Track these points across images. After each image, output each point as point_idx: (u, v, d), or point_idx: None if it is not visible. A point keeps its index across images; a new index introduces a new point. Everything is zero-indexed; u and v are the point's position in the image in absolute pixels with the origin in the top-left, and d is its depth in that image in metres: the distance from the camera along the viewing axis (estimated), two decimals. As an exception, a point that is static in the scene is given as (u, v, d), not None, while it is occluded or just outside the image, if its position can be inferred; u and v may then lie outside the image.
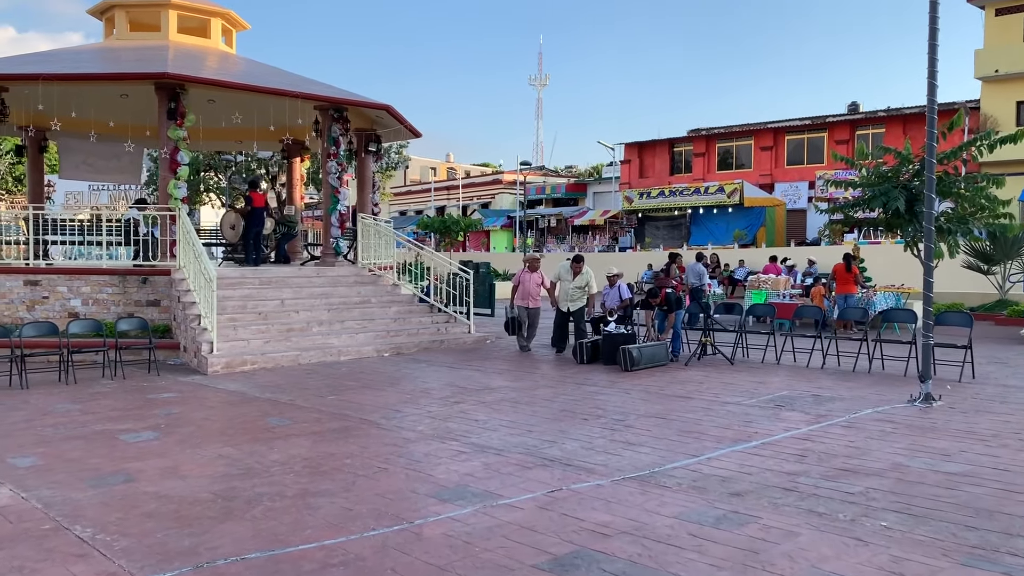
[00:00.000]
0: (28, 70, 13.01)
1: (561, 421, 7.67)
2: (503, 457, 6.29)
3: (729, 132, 42.13)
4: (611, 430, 7.24)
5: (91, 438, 7.13)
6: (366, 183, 17.94)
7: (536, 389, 9.58)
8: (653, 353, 11.26)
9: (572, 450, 6.51)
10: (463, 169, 70.47)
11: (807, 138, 39.56)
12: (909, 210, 17.62)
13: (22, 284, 12.93)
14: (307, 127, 16.65)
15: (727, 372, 10.91)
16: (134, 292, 13.20)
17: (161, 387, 9.93)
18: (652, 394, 9.16)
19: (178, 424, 7.71)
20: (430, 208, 55.84)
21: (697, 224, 37.05)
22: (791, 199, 38.13)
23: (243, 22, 17.64)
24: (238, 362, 11.23)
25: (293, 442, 6.89)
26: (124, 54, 14.76)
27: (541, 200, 51.34)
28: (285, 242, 17.85)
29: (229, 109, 16.12)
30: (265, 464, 6.17)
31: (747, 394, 9.14)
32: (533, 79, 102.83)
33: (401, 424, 7.58)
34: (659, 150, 44.35)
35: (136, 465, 6.19)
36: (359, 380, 10.28)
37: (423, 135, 18.25)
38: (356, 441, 6.92)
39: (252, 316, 12.74)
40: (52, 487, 5.62)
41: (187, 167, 13.81)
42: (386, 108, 15.75)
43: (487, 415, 7.96)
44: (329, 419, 7.87)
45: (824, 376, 10.50)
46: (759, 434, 7.09)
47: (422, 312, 14.65)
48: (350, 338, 12.86)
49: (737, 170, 40.81)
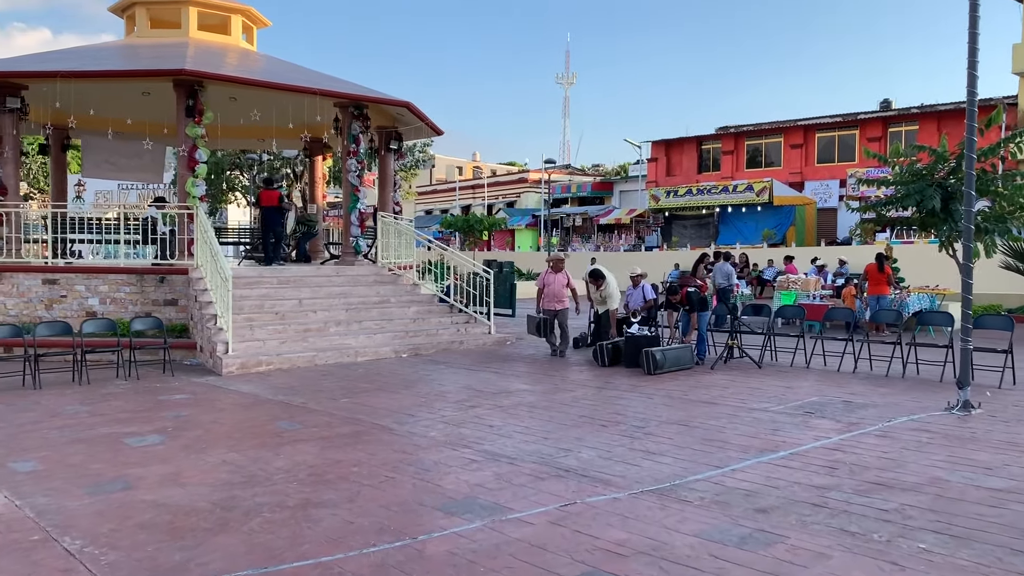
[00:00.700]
0: (47, 68, 12.93)
1: (579, 427, 7.37)
2: (516, 466, 6.00)
3: (758, 129, 41.48)
4: (631, 438, 6.93)
5: (95, 442, 6.95)
6: (387, 181, 17.75)
7: (555, 393, 9.29)
8: (677, 356, 10.91)
9: (589, 459, 6.20)
10: (489, 168, 70.24)
11: (838, 135, 38.81)
12: (945, 209, 17.06)
13: (40, 283, 12.87)
14: (327, 125, 16.46)
15: (754, 376, 10.54)
16: (152, 291, 13.09)
17: (174, 388, 9.77)
18: (675, 399, 8.83)
19: (186, 427, 7.52)
20: (455, 207, 55.70)
21: (725, 223, 36.50)
22: (822, 198, 37.44)
23: (264, 19, 17.53)
24: (253, 363, 11.06)
25: (300, 448, 6.66)
26: (144, 51, 14.68)
27: (567, 199, 50.98)
28: (305, 241, 17.71)
29: (250, 107, 15.99)
30: (269, 472, 5.94)
31: (775, 400, 8.77)
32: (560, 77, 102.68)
33: (413, 429, 7.32)
34: (687, 148, 43.80)
35: (137, 471, 5.99)
36: (374, 382, 10.05)
37: (447, 133, 18.11)
38: (365, 447, 6.67)
39: (269, 316, 12.58)
40: (48, 494, 5.43)
41: (205, 165, 13.69)
42: (406, 105, 15.52)
43: (502, 420, 7.68)
44: (340, 423, 7.63)
45: (856, 381, 10.09)
46: (787, 444, 6.74)
47: (441, 312, 14.41)
48: (368, 339, 12.65)
49: (766, 168, 40.17)
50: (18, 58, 14.79)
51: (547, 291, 12.97)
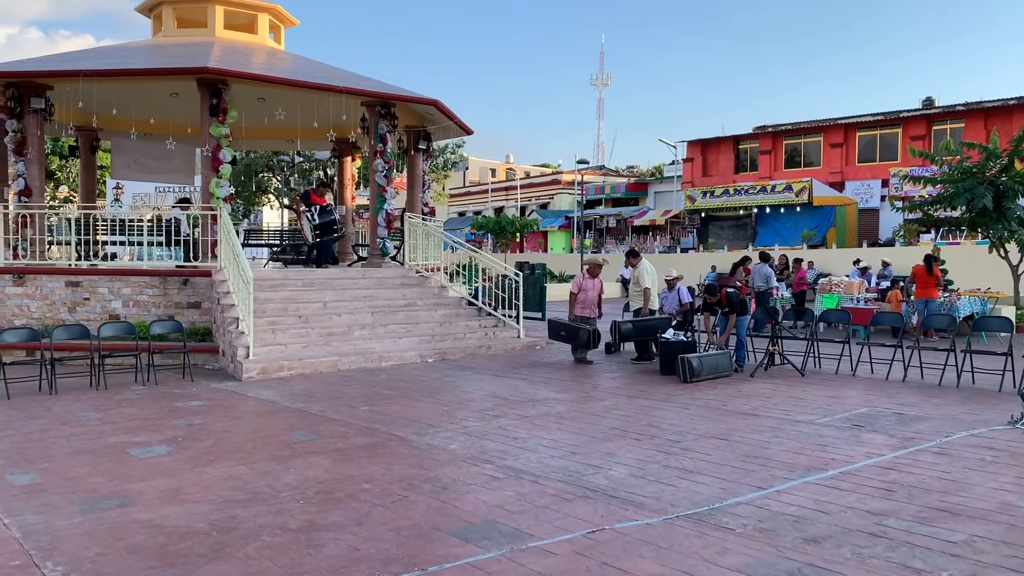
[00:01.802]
0: (70, 67, 12.76)
1: (610, 441, 6.88)
2: (540, 485, 5.54)
3: (797, 128, 40.53)
4: (666, 453, 6.43)
5: (101, 452, 6.63)
6: (416, 182, 17.40)
7: (585, 402, 8.81)
8: (715, 363, 10.37)
9: (620, 478, 5.72)
10: (522, 170, 69.81)
11: (880, 134, 37.74)
12: (997, 207, 16.32)
13: (63, 285, 12.69)
14: (354, 124, 16.14)
15: (797, 384, 9.96)
16: (175, 294, 12.85)
17: (191, 394, 9.47)
18: (713, 410, 8.30)
19: (196, 437, 7.18)
20: (488, 209, 55.36)
21: (763, 224, 35.66)
22: (863, 198, 36.44)
23: (291, 18, 17.28)
24: (274, 368, 10.73)
25: (312, 461, 6.27)
26: (170, 51, 14.48)
27: (600, 200, 50.36)
28: (333, 243, 17.39)
29: (276, 107, 15.72)
30: (276, 488, 5.55)
31: (820, 411, 8.21)
32: (595, 79, 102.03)
33: (432, 441, 6.90)
34: (723, 148, 42.97)
35: (137, 486, 5.63)
36: (397, 389, 9.65)
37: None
38: (380, 461, 6.26)
39: (292, 319, 12.26)
40: (40, 511, 5.09)
41: (230, 165, 13.43)
42: (434, 103, 15.14)
43: (528, 432, 7.22)
44: (356, 434, 7.23)
45: (907, 391, 9.46)
46: (836, 461, 6.19)
47: (469, 316, 13.99)
48: (393, 343, 12.27)
49: (805, 168, 39.23)
50: (42, 58, 14.69)
51: (583, 297, 12.40)
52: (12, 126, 13.14)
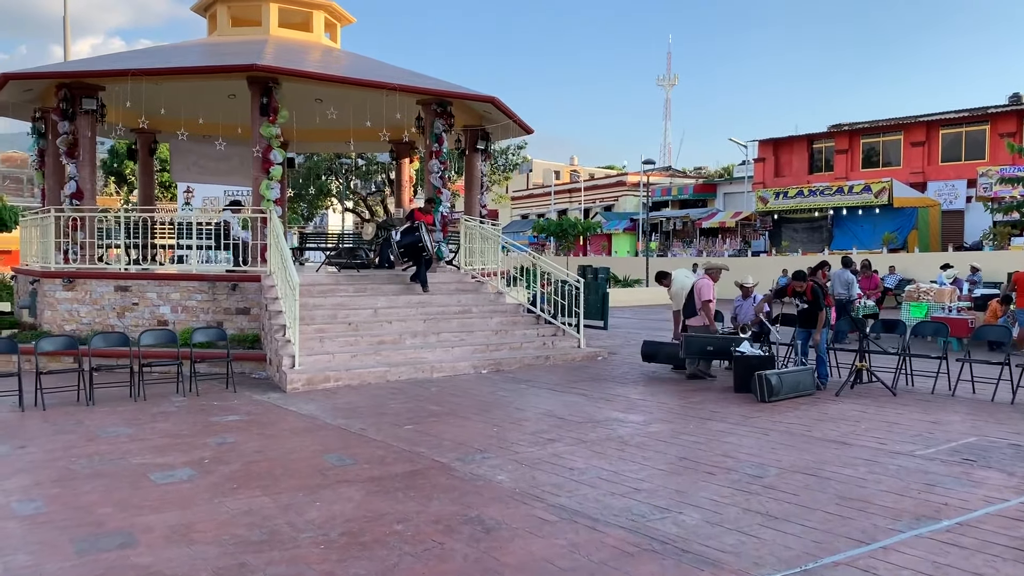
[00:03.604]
0: (120, 67, 12.47)
1: (679, 475, 6.04)
2: (598, 533, 4.75)
3: (875, 127, 38.59)
4: (745, 492, 5.56)
5: (119, 476, 6.09)
6: (474, 183, 16.73)
7: (650, 424, 7.96)
8: (796, 380, 9.39)
9: (692, 525, 4.89)
10: (587, 172, 68.77)
11: (965, 132, 35.61)
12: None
13: (113, 290, 12.40)
14: (408, 124, 15.56)
15: (889, 405, 8.92)
16: (223, 299, 12.43)
17: (230, 407, 8.94)
18: (796, 436, 7.36)
19: (224, 459, 6.59)
20: (551, 211, 54.55)
21: (840, 226, 33.98)
22: (947, 199, 34.43)
23: (348, 15, 16.82)
24: (320, 378, 10.16)
25: (343, 492, 5.60)
26: (223, 49, 14.11)
27: (667, 202, 49.02)
28: (388, 247, 16.86)
29: (330, 106, 15.25)
30: (297, 526, 4.90)
31: (921, 440, 7.20)
32: (661, 79, 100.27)
33: (478, 471, 6.16)
34: (796, 147, 41.26)
35: (147, 520, 5.05)
36: (446, 404, 8.96)
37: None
38: (418, 494, 5.55)
39: (341, 326, 11.70)
40: (32, 551, 4.53)
41: (280, 167, 12.97)
42: (492, 100, 14.44)
43: (585, 461, 6.43)
44: (396, 458, 6.55)
45: (1018, 416, 8.34)
46: (949, 507, 5.23)
47: (527, 324, 13.23)
48: (445, 352, 11.60)
49: (884, 168, 37.31)
50: (93, 59, 14.51)
51: (710, 308, 10.96)
52: (64, 128, 12.93)
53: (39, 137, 15.00)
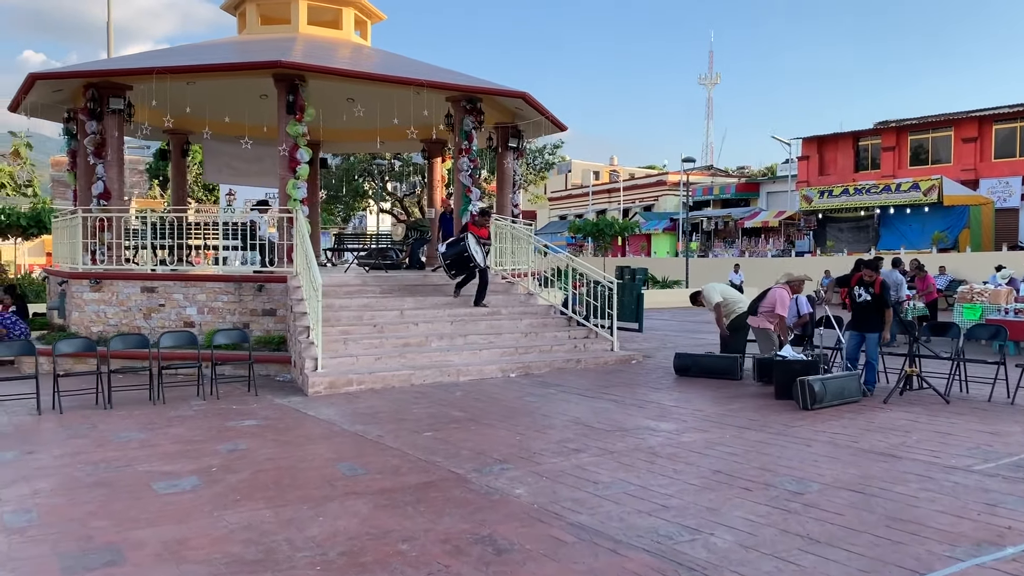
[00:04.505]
0: (146, 64, 12.35)
1: (712, 490, 5.58)
2: (620, 557, 4.33)
3: (923, 123, 37.40)
4: (784, 511, 5.10)
5: (121, 485, 5.82)
6: (505, 182, 16.39)
7: (683, 434, 7.49)
8: (841, 386, 8.83)
9: (725, 548, 4.45)
10: (626, 172, 68.00)
11: (1020, 127, 34.30)
12: None
13: (139, 291, 12.29)
14: (438, 121, 15.27)
15: (941, 414, 8.33)
16: (250, 300, 12.24)
17: (248, 411, 8.69)
18: (841, 448, 6.84)
19: (233, 467, 6.30)
20: (589, 212, 53.96)
21: (887, 226, 32.97)
22: (1000, 197, 33.18)
23: (378, 12, 16.59)
24: (343, 381, 9.87)
25: (350, 505, 5.26)
26: (250, 47, 13.94)
27: (708, 201, 48.14)
28: (418, 247, 16.60)
29: (359, 104, 15.02)
30: (296, 544, 4.56)
31: (978, 453, 6.63)
32: (703, 78, 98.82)
33: (496, 483, 5.77)
34: (841, 145, 40.19)
35: (141, 534, 4.76)
36: (469, 410, 8.59)
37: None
38: (429, 509, 5.18)
39: (367, 328, 11.41)
40: (15, 568, 4.26)
41: (307, 166, 12.74)
42: (523, 96, 14.07)
43: (611, 474, 6.00)
44: (410, 468, 6.20)
45: (1086, 426, 7.71)
46: (1013, 531, 4.71)
47: (558, 326, 12.81)
48: (472, 355, 11.24)
49: (933, 165, 36.15)
50: (121, 57, 14.45)
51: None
52: (92, 127, 12.85)
53: (71, 138, 15.02)
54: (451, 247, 12.52)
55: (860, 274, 9.53)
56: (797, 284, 10.63)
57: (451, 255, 12.42)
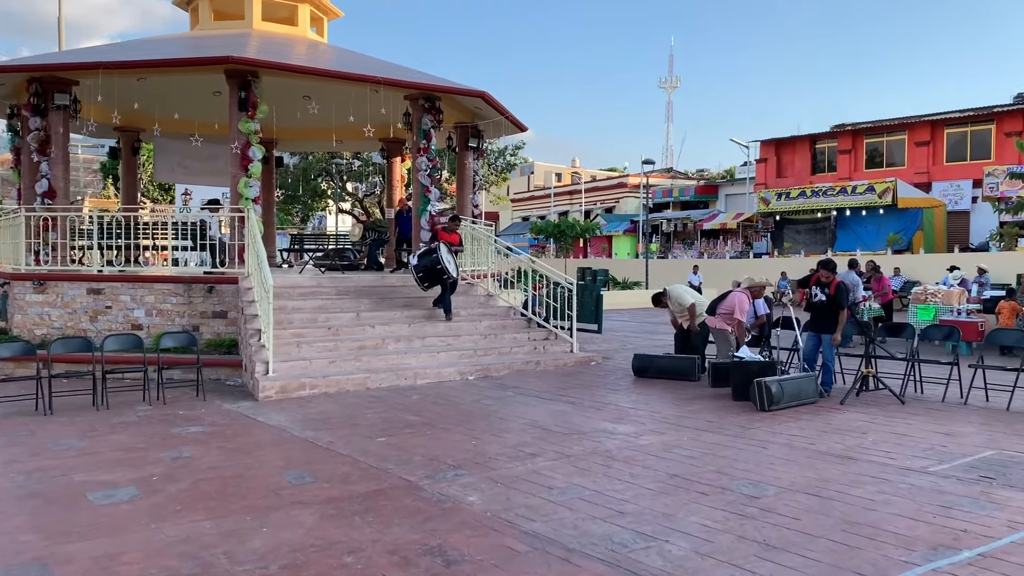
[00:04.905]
0: (94, 59, 11.95)
1: (668, 494, 5.49)
2: (572, 566, 4.20)
3: (879, 126, 38.00)
4: (740, 515, 5.01)
5: (55, 496, 5.55)
6: (466, 182, 16.22)
7: (641, 436, 7.40)
8: (798, 388, 8.82)
9: (680, 556, 4.34)
10: (588, 174, 68.18)
11: (970, 131, 35.00)
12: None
13: (85, 293, 11.88)
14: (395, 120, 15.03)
15: (897, 415, 8.35)
16: (200, 302, 11.91)
17: (195, 417, 8.41)
18: (798, 450, 6.80)
19: (175, 477, 6.05)
20: (552, 213, 53.99)
21: (843, 227, 33.41)
22: (952, 199, 33.81)
23: (335, 9, 16.33)
24: (295, 386, 9.62)
25: (295, 516, 5.06)
26: (202, 43, 13.59)
27: (668, 204, 48.44)
28: (376, 248, 16.33)
29: (315, 103, 14.74)
30: (235, 558, 4.35)
31: (933, 454, 6.64)
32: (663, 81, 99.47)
33: (448, 491, 5.61)
34: (799, 147, 40.69)
35: (71, 549, 4.51)
36: (425, 414, 8.42)
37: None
38: (376, 519, 5.00)
39: (321, 331, 11.17)
40: (-70, 587, 4.00)
41: (259, 164, 12.44)
42: (482, 95, 13.91)
43: (566, 479, 5.87)
44: (360, 476, 6.01)
45: (1037, 426, 7.78)
46: (969, 535, 4.68)
47: (517, 327, 12.69)
48: (430, 357, 11.07)
49: (888, 168, 36.71)
50: (67, 51, 14.01)
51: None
52: (35, 124, 12.42)
53: (14, 135, 14.51)
54: (422, 258, 12.25)
55: (818, 275, 9.55)
56: (758, 290, 10.65)
57: (423, 266, 12.15)
